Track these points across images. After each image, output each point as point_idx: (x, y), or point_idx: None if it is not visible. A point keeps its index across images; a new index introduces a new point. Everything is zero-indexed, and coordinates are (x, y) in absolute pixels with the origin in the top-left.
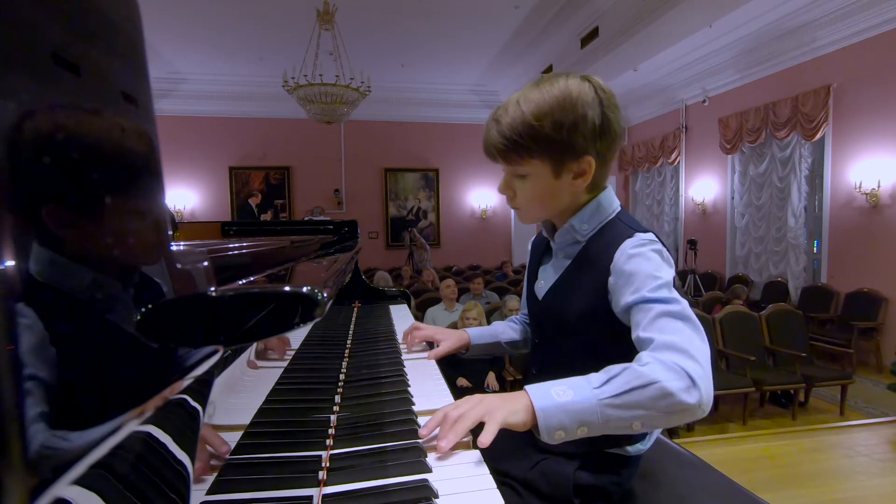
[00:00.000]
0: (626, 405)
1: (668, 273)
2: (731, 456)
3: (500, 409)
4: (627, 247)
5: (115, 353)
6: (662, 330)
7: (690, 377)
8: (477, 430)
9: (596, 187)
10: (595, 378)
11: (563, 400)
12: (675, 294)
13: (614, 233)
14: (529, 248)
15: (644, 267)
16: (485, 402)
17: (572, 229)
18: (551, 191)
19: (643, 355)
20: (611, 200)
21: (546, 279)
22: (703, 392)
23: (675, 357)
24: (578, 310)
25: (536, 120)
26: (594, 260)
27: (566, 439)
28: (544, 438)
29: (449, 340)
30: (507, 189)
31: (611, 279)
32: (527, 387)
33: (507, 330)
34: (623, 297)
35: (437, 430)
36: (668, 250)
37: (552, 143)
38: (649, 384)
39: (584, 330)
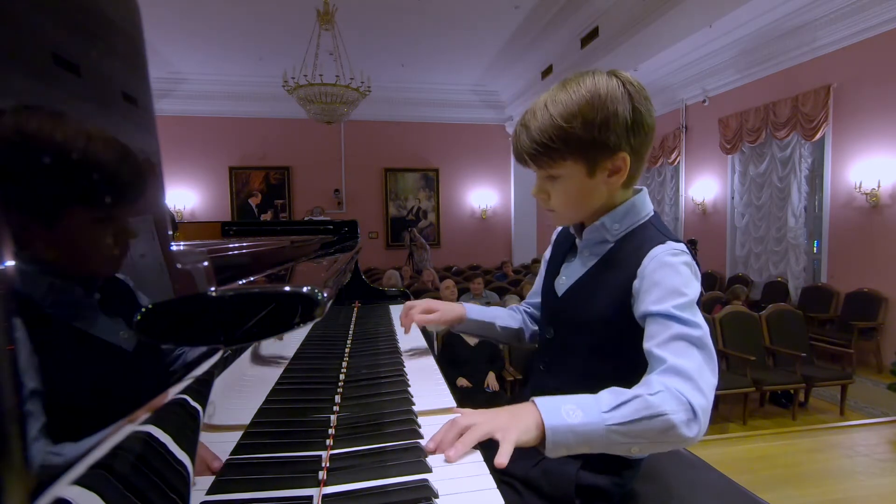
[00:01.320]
0: (632, 433)
1: (695, 289)
2: (731, 456)
3: (513, 428)
4: (659, 254)
5: (114, 353)
6: (677, 353)
7: (694, 410)
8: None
9: (630, 184)
10: (604, 400)
11: (573, 421)
12: (698, 315)
13: (646, 237)
14: (553, 239)
15: (673, 279)
16: (497, 419)
17: (603, 228)
18: (586, 190)
19: (653, 380)
20: (645, 203)
21: (569, 276)
22: (702, 426)
23: (683, 386)
24: (599, 310)
25: (566, 122)
26: (622, 262)
27: (565, 454)
28: (547, 454)
29: (442, 311)
30: (540, 193)
31: (636, 283)
32: (536, 401)
33: (504, 316)
34: (645, 304)
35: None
36: (697, 263)
37: (584, 143)
38: (657, 416)
39: (601, 330)
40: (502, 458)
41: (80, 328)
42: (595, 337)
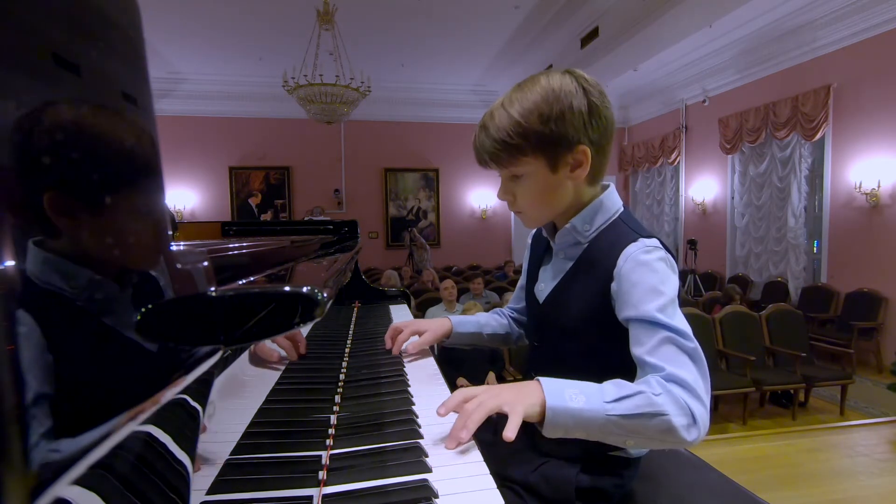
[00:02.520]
0: (630, 427)
1: (674, 285)
2: (731, 456)
3: (519, 402)
4: (632, 253)
5: (114, 353)
6: (671, 361)
7: (694, 417)
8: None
9: (595, 179)
10: (608, 391)
11: (574, 406)
12: (679, 315)
13: (617, 235)
14: (529, 242)
15: (649, 279)
16: (503, 394)
17: (574, 230)
18: (551, 187)
19: (654, 382)
20: (614, 201)
21: (546, 281)
22: (701, 432)
23: (685, 395)
24: (580, 314)
25: (523, 118)
26: (596, 263)
27: (561, 437)
28: (544, 433)
29: (432, 331)
30: (505, 194)
31: (613, 285)
32: (541, 380)
33: (490, 322)
34: (626, 308)
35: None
36: (672, 255)
37: (542, 137)
38: (658, 415)
39: (585, 333)
40: (510, 432)
41: (79, 327)
42: (581, 342)
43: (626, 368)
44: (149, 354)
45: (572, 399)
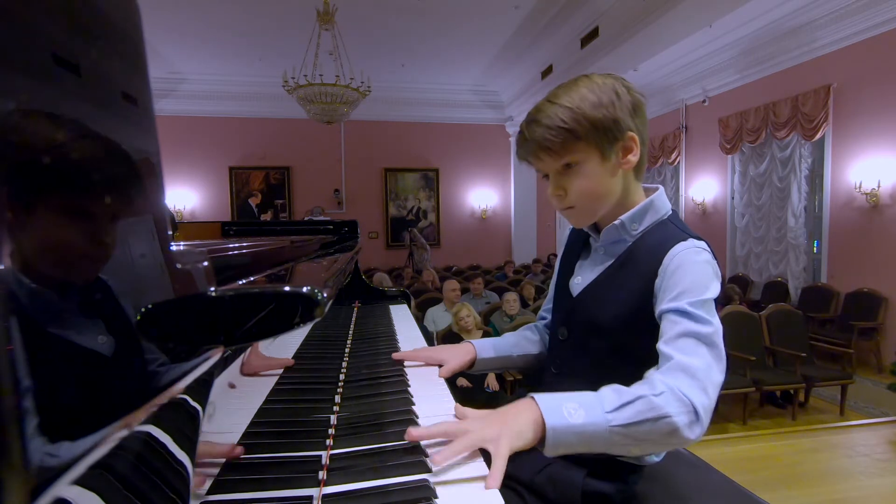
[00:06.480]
0: (634, 435)
1: (715, 289)
2: (731, 456)
3: (505, 436)
4: (680, 251)
5: (114, 353)
6: (683, 350)
7: (696, 411)
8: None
9: (640, 171)
10: (608, 399)
11: (575, 422)
12: (713, 314)
13: (666, 235)
14: (566, 238)
15: (693, 278)
16: (489, 427)
17: (622, 227)
18: (603, 176)
19: (656, 380)
20: (664, 203)
21: (584, 276)
22: (703, 426)
23: (686, 384)
24: (616, 311)
25: (575, 105)
26: (641, 261)
27: (563, 454)
28: (545, 453)
29: (455, 360)
30: (557, 190)
31: (657, 281)
32: (536, 397)
33: (521, 342)
34: (662, 302)
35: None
36: (716, 260)
37: (596, 122)
38: (661, 418)
39: (618, 331)
40: (493, 482)
41: (79, 328)
42: (611, 338)
43: (652, 365)
44: (150, 355)
45: (572, 415)
